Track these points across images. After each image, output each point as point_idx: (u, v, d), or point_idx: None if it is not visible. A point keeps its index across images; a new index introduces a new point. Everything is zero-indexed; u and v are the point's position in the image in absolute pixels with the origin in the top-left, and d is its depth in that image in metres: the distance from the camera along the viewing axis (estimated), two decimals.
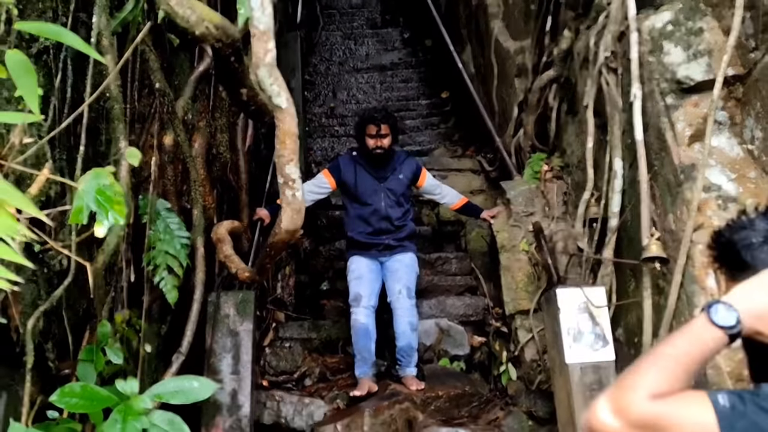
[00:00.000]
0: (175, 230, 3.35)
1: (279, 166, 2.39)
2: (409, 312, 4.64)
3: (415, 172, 5.05)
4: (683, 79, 3.38)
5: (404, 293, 4.66)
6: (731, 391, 1.22)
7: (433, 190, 5.19)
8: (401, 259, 4.81)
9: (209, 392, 2.29)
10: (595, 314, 3.82)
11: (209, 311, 3.93)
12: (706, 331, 1.26)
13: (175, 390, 2.27)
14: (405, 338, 4.61)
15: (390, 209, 4.86)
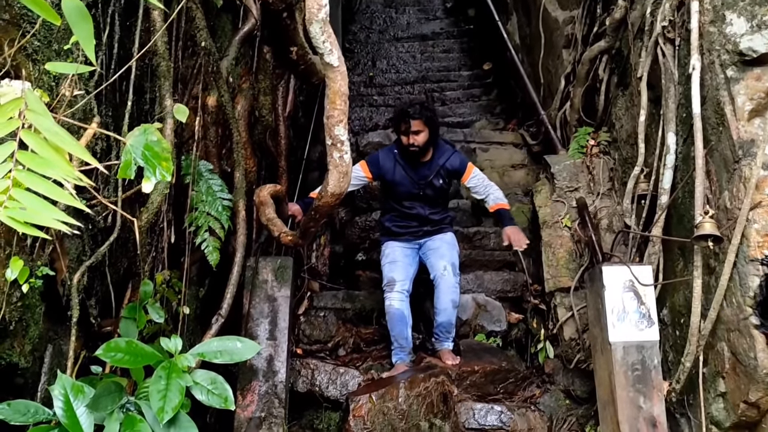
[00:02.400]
0: (217, 192, 3.37)
1: (328, 127, 2.38)
2: (453, 289, 4.62)
3: (458, 169, 4.86)
4: (746, 50, 3.27)
5: (449, 270, 4.64)
6: None
7: (478, 189, 4.93)
8: (442, 237, 4.80)
9: (252, 353, 2.31)
10: (640, 293, 3.77)
11: (247, 276, 3.96)
12: None
13: (218, 350, 2.29)
14: (446, 315, 4.61)
15: (428, 210, 4.83)
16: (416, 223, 4.79)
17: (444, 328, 4.67)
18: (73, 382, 2.00)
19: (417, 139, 4.61)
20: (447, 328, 4.67)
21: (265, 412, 3.74)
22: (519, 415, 4.44)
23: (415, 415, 4.18)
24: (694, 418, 3.59)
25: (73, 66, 1.91)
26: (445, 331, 4.68)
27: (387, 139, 7.00)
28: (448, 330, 4.68)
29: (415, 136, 4.61)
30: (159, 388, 2.09)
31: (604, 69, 5.00)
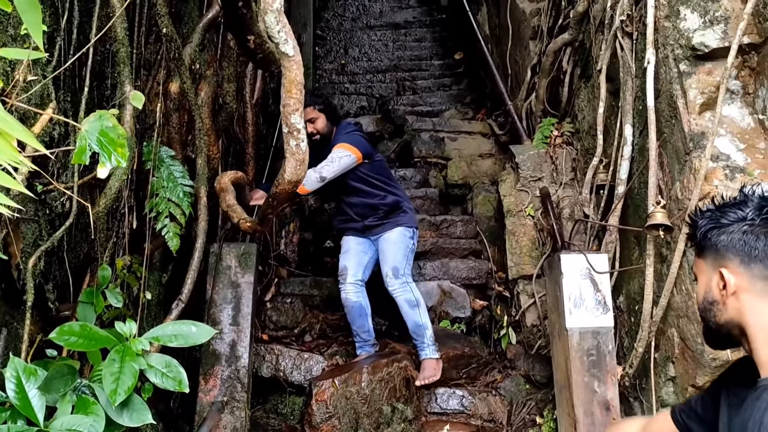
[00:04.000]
0: (178, 178, 3.38)
1: (284, 115, 2.41)
2: (401, 291, 4.48)
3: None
4: (698, 45, 3.35)
5: (390, 275, 4.49)
6: None
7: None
8: (387, 237, 4.62)
9: (207, 337, 2.34)
10: (597, 280, 3.86)
11: (211, 262, 3.98)
12: None
13: (173, 333, 2.32)
14: (408, 318, 4.48)
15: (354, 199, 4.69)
16: (353, 215, 4.71)
17: (414, 333, 4.51)
18: (26, 364, 2.02)
19: (315, 127, 4.63)
20: (417, 332, 4.48)
21: (228, 396, 3.77)
22: (480, 399, 4.53)
23: (377, 400, 4.24)
24: (646, 402, 3.69)
25: (26, 52, 1.91)
26: (418, 336, 4.49)
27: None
28: (419, 333, 4.48)
29: (311, 124, 4.62)
30: (112, 370, 2.12)
31: (567, 61, 5.08)
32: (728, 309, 1.43)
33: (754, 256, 1.40)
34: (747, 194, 1.46)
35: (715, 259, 1.47)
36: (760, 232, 1.40)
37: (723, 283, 1.43)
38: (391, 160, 6.82)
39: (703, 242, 1.49)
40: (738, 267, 1.42)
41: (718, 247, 1.45)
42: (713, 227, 1.47)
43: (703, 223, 1.50)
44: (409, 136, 6.88)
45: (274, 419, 4.39)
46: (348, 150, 4.49)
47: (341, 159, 4.44)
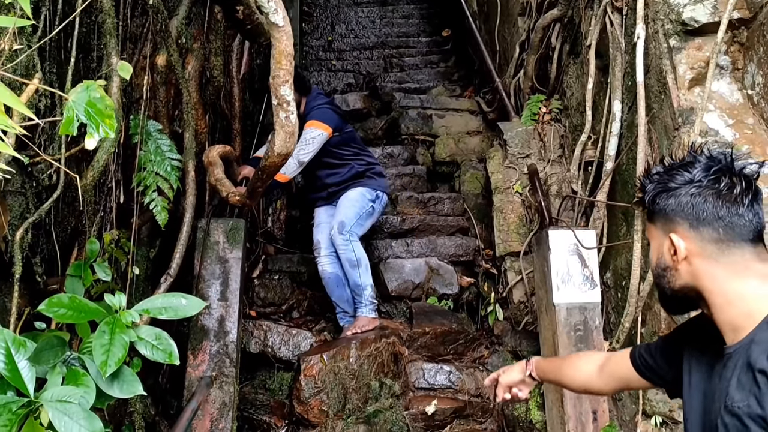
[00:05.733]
0: (166, 152, 3.35)
1: (273, 87, 2.39)
2: (343, 248, 4.56)
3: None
4: (688, 20, 3.35)
5: (336, 229, 4.59)
6: None
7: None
8: (346, 194, 4.73)
9: (197, 309, 2.32)
10: (585, 256, 3.89)
11: (199, 237, 3.96)
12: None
13: (163, 306, 2.30)
14: (349, 276, 4.59)
15: (324, 172, 4.80)
16: (319, 185, 4.85)
17: (354, 291, 4.62)
18: (15, 336, 2.00)
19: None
20: (355, 290, 4.59)
21: (216, 371, 3.78)
22: (467, 374, 4.56)
23: (366, 375, 4.27)
24: None
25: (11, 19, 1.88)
26: (356, 295, 4.60)
27: (345, 104, 7.01)
28: (356, 291, 4.59)
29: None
30: (102, 342, 2.11)
31: (556, 37, 5.06)
32: (681, 274, 1.40)
33: (702, 219, 1.35)
34: (695, 155, 1.41)
35: (664, 223, 1.42)
36: (708, 194, 1.35)
37: (674, 249, 1.39)
38: (378, 137, 6.81)
39: (652, 207, 1.45)
40: (687, 231, 1.37)
41: (666, 211, 1.40)
42: (661, 191, 1.41)
43: (651, 187, 1.44)
44: (396, 113, 6.87)
45: (262, 394, 4.40)
46: (319, 128, 4.53)
47: (314, 139, 4.49)
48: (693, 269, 1.38)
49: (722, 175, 1.36)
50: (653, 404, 3.54)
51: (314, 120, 4.55)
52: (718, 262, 1.35)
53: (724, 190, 1.35)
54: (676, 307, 1.50)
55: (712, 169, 1.37)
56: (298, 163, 4.41)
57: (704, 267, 1.36)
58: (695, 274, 1.38)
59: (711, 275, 1.36)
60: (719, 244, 1.35)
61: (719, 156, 1.38)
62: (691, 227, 1.37)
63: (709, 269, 1.36)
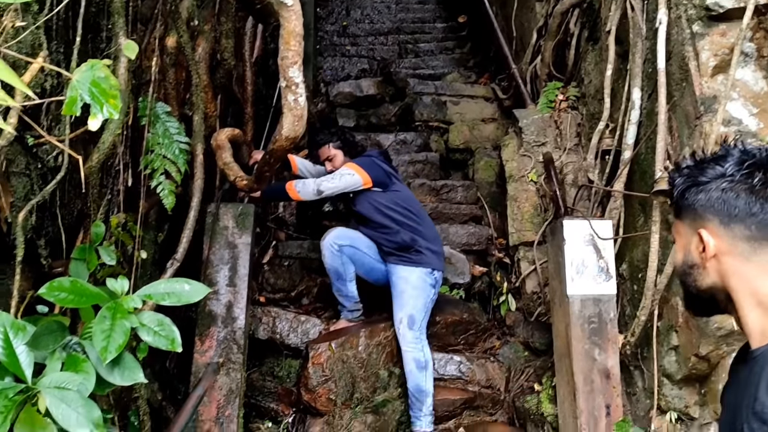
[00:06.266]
0: (174, 135, 3.29)
1: (282, 68, 2.32)
2: (412, 346, 4.08)
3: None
4: (712, 5, 3.25)
5: (405, 323, 4.11)
6: None
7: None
8: (406, 277, 4.20)
9: (200, 295, 2.27)
10: (600, 247, 3.80)
11: (207, 222, 3.91)
12: None
13: (165, 291, 2.25)
14: (411, 379, 4.05)
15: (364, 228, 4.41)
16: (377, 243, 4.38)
17: (413, 396, 4.06)
18: (13, 319, 1.96)
19: (334, 165, 4.45)
20: (416, 396, 4.04)
21: (224, 358, 3.74)
22: (478, 365, 4.51)
23: (374, 364, 4.22)
24: (647, 371, 3.66)
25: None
26: (416, 400, 4.05)
27: (358, 89, 6.95)
28: (418, 398, 4.04)
29: (329, 162, 4.47)
30: (103, 328, 2.06)
31: (575, 23, 4.96)
32: (710, 273, 1.32)
33: (734, 216, 1.27)
34: (727, 148, 1.33)
35: (693, 219, 1.34)
36: (740, 189, 1.27)
37: (702, 246, 1.32)
38: (391, 124, 6.73)
39: (680, 202, 1.36)
40: (718, 228, 1.30)
41: (696, 206, 1.32)
42: (691, 185, 1.33)
43: (680, 181, 1.36)
44: (410, 99, 6.78)
45: (270, 381, 4.36)
46: (353, 170, 4.24)
47: (343, 176, 4.22)
48: (722, 268, 1.30)
49: (756, 170, 1.27)
50: (668, 399, 3.47)
51: (353, 162, 4.32)
52: (749, 261, 1.27)
53: (758, 185, 1.26)
54: (701, 308, 1.42)
55: (745, 164, 1.28)
56: (316, 191, 4.17)
57: (734, 266, 1.28)
58: (724, 273, 1.30)
59: (741, 274, 1.28)
60: (751, 242, 1.27)
61: (753, 150, 1.30)
62: (722, 224, 1.29)
63: (739, 268, 1.28)
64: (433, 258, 4.25)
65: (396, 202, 4.29)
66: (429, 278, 4.20)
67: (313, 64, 7.35)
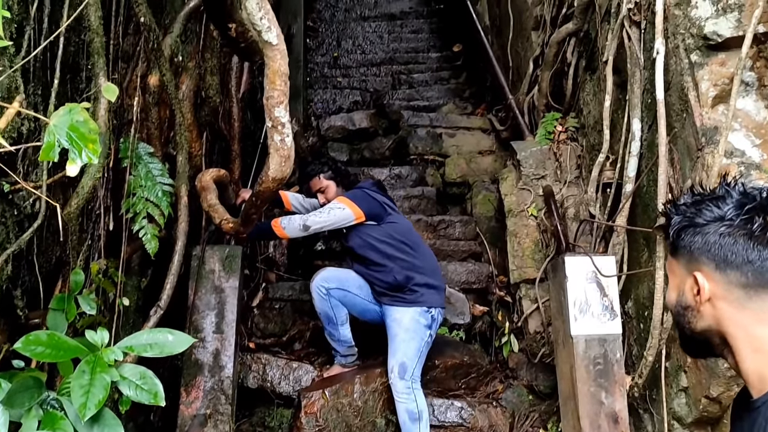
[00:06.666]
0: (157, 176, 3.33)
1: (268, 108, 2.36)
2: (404, 397, 3.98)
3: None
4: (710, 35, 3.30)
5: (396, 371, 4.01)
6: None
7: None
8: (398, 318, 4.12)
9: (185, 346, 2.28)
10: (604, 284, 3.82)
11: (193, 266, 3.92)
12: None
13: (148, 342, 2.26)
14: (405, 431, 3.99)
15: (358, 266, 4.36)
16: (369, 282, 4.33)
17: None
18: None
19: (326, 197, 4.43)
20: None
21: (211, 409, 3.72)
22: (480, 411, 4.48)
23: (370, 412, 4.20)
24: (657, 414, 3.64)
25: None
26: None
27: (351, 123, 7.00)
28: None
29: (322, 194, 4.46)
30: (82, 383, 2.06)
31: (572, 52, 5.03)
32: (704, 316, 1.33)
33: (730, 262, 1.28)
34: (727, 188, 1.33)
35: (689, 261, 1.35)
36: (738, 235, 1.28)
37: (697, 288, 1.32)
38: (385, 158, 6.78)
39: (676, 242, 1.38)
40: (713, 272, 1.30)
41: (691, 248, 1.33)
42: (687, 225, 1.35)
43: (676, 220, 1.37)
44: (404, 132, 6.84)
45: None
46: (344, 203, 4.19)
47: (332, 211, 4.18)
48: (717, 313, 1.31)
49: (756, 215, 1.28)
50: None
51: (344, 196, 4.29)
52: (744, 308, 1.28)
53: (757, 231, 1.27)
54: (696, 350, 1.43)
55: (745, 207, 1.29)
56: (302, 227, 4.13)
57: (729, 312, 1.30)
58: (719, 318, 1.31)
59: (736, 321, 1.29)
60: (747, 289, 1.28)
61: (753, 192, 1.31)
62: (718, 269, 1.30)
63: (734, 314, 1.29)
64: (431, 295, 4.17)
65: (390, 234, 4.25)
66: (424, 318, 4.10)
67: (303, 97, 7.43)
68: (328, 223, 4.18)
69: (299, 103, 7.19)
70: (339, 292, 4.24)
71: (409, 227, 4.46)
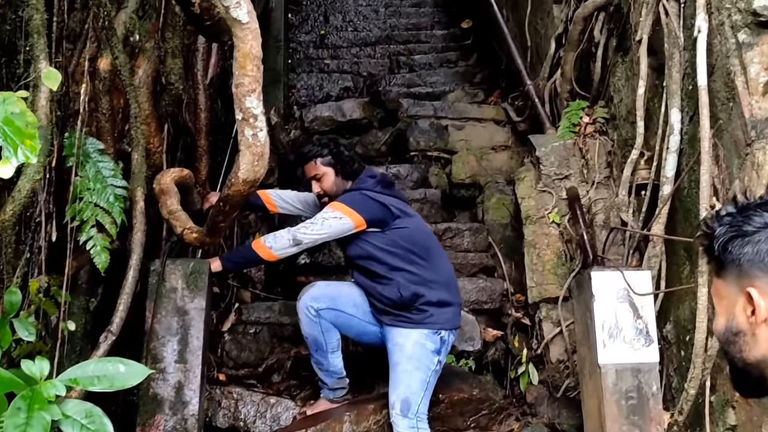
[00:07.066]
0: (108, 177, 3.34)
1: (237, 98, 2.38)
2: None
3: None
4: (761, 10, 3.32)
5: (397, 408, 3.99)
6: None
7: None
8: (401, 342, 4.09)
9: (138, 378, 2.29)
10: (637, 304, 3.84)
11: (151, 283, 3.93)
12: None
13: (96, 374, 2.27)
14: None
15: (362, 277, 4.31)
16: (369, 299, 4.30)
17: None
18: None
19: (322, 186, 4.38)
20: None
21: None
22: None
23: None
24: None
25: None
26: None
27: (340, 113, 7.03)
28: None
29: (317, 182, 4.40)
30: (17, 422, 2.07)
31: (600, 30, 5.07)
32: (759, 342, 1.32)
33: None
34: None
35: (738, 276, 1.35)
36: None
37: (751, 308, 1.32)
38: (381, 154, 6.81)
39: (722, 256, 1.38)
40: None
41: (741, 261, 1.34)
42: (735, 236, 1.36)
43: (721, 231, 1.38)
44: (403, 124, 6.87)
45: None
46: (340, 211, 4.13)
47: (326, 221, 4.12)
48: None
49: None
50: None
51: (341, 201, 4.19)
52: None
53: None
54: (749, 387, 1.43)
55: None
56: (292, 241, 4.08)
57: None
58: None
59: None
60: None
61: None
62: None
63: None
64: (442, 314, 4.12)
65: (396, 242, 4.18)
66: (431, 342, 4.05)
67: (283, 82, 7.45)
68: (324, 235, 4.15)
69: (279, 90, 7.21)
70: (331, 312, 4.22)
71: (421, 230, 4.40)
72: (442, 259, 4.37)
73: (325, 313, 4.19)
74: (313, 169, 4.40)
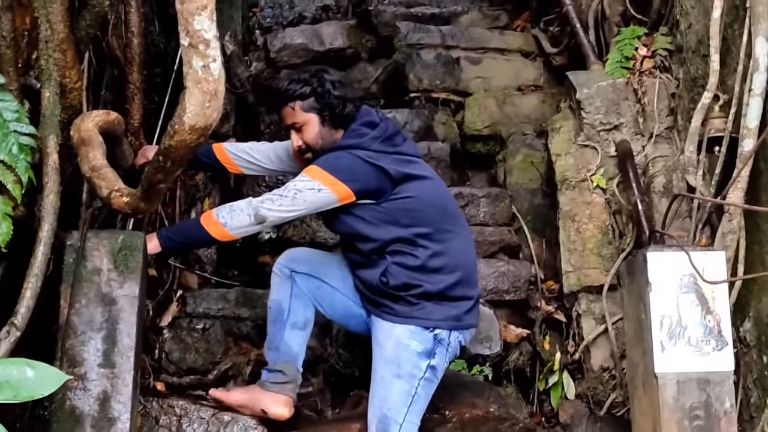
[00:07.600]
0: (9, 122, 3.32)
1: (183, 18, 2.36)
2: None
3: None
4: None
5: (373, 428, 4.05)
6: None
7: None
8: (382, 340, 4.12)
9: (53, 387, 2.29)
10: (707, 296, 3.84)
11: (67, 262, 3.90)
12: None
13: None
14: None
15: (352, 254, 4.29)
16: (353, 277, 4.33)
17: None
18: None
19: (303, 137, 4.22)
20: None
21: None
22: None
23: None
24: None
25: None
26: None
27: (317, 40, 7.03)
28: None
29: (297, 133, 4.24)
30: None
31: None
32: None
33: None
34: None
35: None
36: None
37: None
38: (372, 95, 6.78)
39: None
40: None
41: None
42: None
43: None
44: (401, 55, 6.86)
45: None
46: (320, 181, 3.99)
47: (299, 194, 3.99)
48: None
49: None
50: None
51: (319, 165, 4.04)
52: None
53: None
54: None
55: None
56: (253, 218, 3.98)
57: None
58: None
59: None
60: None
61: None
62: None
63: None
64: (443, 310, 4.08)
65: (393, 217, 4.08)
66: (418, 341, 4.00)
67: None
68: (295, 212, 4.07)
69: (237, 8, 7.16)
70: (310, 280, 4.23)
71: (432, 200, 4.24)
72: (459, 237, 4.27)
73: (302, 278, 4.21)
74: (290, 115, 4.24)
